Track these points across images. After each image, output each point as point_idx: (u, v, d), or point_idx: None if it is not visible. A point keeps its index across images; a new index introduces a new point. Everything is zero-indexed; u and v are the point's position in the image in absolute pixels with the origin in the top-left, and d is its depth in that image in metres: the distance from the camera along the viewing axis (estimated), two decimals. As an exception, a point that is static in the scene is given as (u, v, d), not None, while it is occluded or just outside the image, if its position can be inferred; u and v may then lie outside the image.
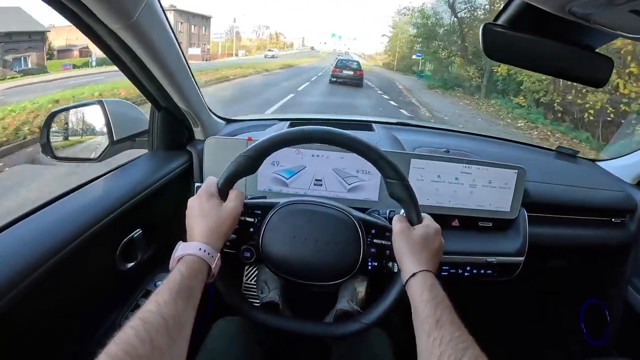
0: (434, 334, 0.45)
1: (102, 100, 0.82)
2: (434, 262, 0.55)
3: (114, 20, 0.56)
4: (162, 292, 0.43)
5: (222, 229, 0.53)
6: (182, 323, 0.42)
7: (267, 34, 54.69)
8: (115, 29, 0.58)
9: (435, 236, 0.57)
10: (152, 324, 0.39)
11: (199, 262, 0.49)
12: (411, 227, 0.57)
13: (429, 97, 11.64)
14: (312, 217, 0.61)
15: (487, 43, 0.59)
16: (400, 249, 0.56)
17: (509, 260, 0.86)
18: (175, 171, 0.81)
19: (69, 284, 0.57)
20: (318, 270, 0.60)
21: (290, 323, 0.61)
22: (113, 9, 0.54)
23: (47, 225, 0.57)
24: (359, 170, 0.81)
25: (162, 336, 0.38)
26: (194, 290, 0.46)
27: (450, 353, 0.42)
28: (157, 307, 0.41)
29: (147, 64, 0.67)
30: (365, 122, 1.13)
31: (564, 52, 0.59)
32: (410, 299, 0.52)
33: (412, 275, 0.52)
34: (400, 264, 0.56)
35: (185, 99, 0.78)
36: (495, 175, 0.86)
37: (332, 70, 13.71)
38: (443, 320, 0.46)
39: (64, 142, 0.85)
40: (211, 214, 0.53)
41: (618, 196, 1.04)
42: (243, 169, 0.56)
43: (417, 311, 0.49)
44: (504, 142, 1.21)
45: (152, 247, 0.79)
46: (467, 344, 0.43)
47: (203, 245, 0.50)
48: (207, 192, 0.55)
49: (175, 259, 0.49)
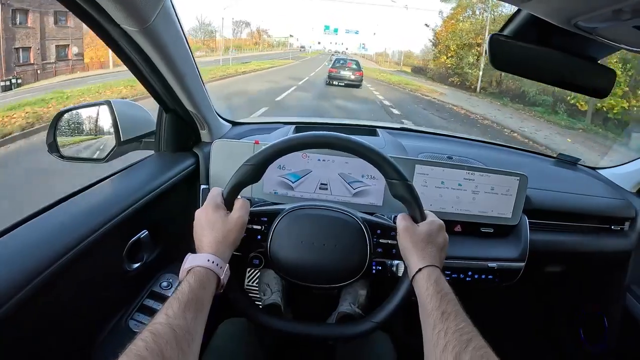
0: (439, 326, 0.46)
1: (110, 100, 0.83)
2: (440, 257, 0.57)
3: (130, 23, 0.56)
4: (171, 304, 0.44)
5: (230, 240, 0.54)
6: (191, 334, 0.42)
7: (248, 32, 43.74)
8: (130, 32, 0.58)
9: (439, 232, 0.58)
10: (161, 335, 0.39)
11: (208, 274, 0.49)
12: (415, 225, 0.58)
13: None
14: (317, 221, 0.62)
15: (494, 53, 0.60)
16: (406, 246, 0.57)
17: (509, 265, 0.87)
18: (181, 173, 0.82)
19: (76, 285, 0.57)
20: (327, 273, 0.61)
21: (299, 326, 0.61)
22: (130, 13, 0.54)
23: (55, 226, 0.57)
24: (364, 175, 0.81)
25: (172, 348, 0.39)
26: (203, 302, 0.47)
27: (455, 344, 0.43)
28: (166, 319, 0.42)
29: (159, 66, 0.68)
30: (369, 127, 1.14)
31: (568, 62, 0.61)
32: (417, 293, 0.53)
33: (418, 270, 0.54)
34: (406, 261, 0.57)
35: (194, 101, 0.79)
36: (497, 182, 0.87)
37: (329, 71, 12.86)
38: (448, 312, 0.47)
39: (71, 141, 0.85)
40: (217, 225, 0.54)
41: (618, 204, 1.05)
42: (247, 178, 0.57)
43: (423, 305, 0.50)
44: (505, 148, 1.22)
45: (158, 248, 0.79)
46: (471, 334, 0.44)
47: (211, 257, 0.51)
48: (212, 203, 0.56)
49: (184, 271, 0.50)
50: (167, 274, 0.80)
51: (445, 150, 1.02)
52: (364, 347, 0.76)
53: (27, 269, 0.48)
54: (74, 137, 0.86)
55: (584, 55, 0.60)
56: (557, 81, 0.66)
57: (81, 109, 0.84)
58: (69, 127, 0.85)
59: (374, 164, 0.58)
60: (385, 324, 0.60)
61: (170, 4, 0.62)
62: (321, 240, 0.61)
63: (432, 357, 0.45)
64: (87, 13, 0.55)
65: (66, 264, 0.53)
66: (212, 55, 24.08)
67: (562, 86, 0.66)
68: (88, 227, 0.59)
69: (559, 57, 0.60)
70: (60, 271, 0.52)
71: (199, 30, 32.35)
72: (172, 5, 0.63)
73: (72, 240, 0.55)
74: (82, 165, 0.83)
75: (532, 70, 0.65)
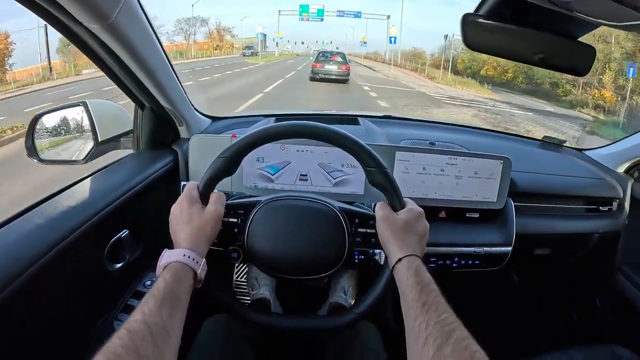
0: (420, 318, 0.45)
1: (86, 101, 0.83)
2: (420, 246, 0.55)
3: (91, 21, 0.55)
4: (147, 301, 0.44)
5: (205, 233, 0.54)
6: (167, 331, 0.42)
7: (205, 32, 29.99)
8: (94, 29, 0.58)
9: (418, 220, 0.57)
10: (137, 333, 0.39)
11: (184, 269, 0.49)
12: (394, 213, 0.57)
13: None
14: (294, 212, 0.62)
15: (468, 34, 0.59)
16: (384, 235, 0.56)
17: (496, 250, 0.87)
18: (160, 170, 0.82)
19: (58, 286, 0.57)
20: (305, 264, 0.61)
21: (282, 320, 0.61)
22: (90, 10, 0.53)
23: (32, 228, 0.57)
24: (344, 164, 0.81)
25: (147, 344, 0.39)
26: (180, 297, 0.47)
27: (437, 336, 0.42)
28: (142, 316, 0.42)
29: (128, 63, 0.67)
30: (351, 116, 1.13)
31: (546, 41, 0.60)
32: (397, 284, 0.52)
33: (398, 260, 0.52)
34: (385, 250, 0.56)
35: (168, 97, 0.78)
36: (480, 166, 0.86)
37: (312, 66, 11.89)
38: (429, 304, 0.46)
39: (49, 144, 0.85)
40: (193, 219, 0.54)
41: (604, 184, 1.05)
42: (222, 171, 0.56)
43: (404, 296, 0.49)
44: (490, 133, 1.22)
45: (140, 247, 0.79)
46: (453, 326, 0.43)
47: (187, 252, 0.50)
48: (188, 197, 0.55)
49: (160, 267, 0.50)
50: (151, 272, 0.79)
51: (428, 137, 1.01)
52: (353, 339, 0.76)
53: (4, 272, 0.48)
54: (52, 140, 0.85)
55: (563, 33, 0.59)
56: (535, 60, 0.64)
57: (58, 112, 0.84)
58: (47, 130, 0.84)
59: (351, 152, 0.57)
60: (368, 314, 0.60)
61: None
62: (298, 231, 0.60)
63: (414, 350, 0.44)
64: (49, 13, 0.55)
65: (45, 266, 0.52)
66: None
67: (541, 65, 0.65)
68: (65, 228, 0.58)
69: (537, 36, 0.59)
70: (40, 273, 0.51)
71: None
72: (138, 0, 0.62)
73: (49, 243, 0.55)
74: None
75: (509, 50, 0.64)
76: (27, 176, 3.02)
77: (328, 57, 12.08)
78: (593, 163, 1.12)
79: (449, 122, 1.25)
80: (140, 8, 0.63)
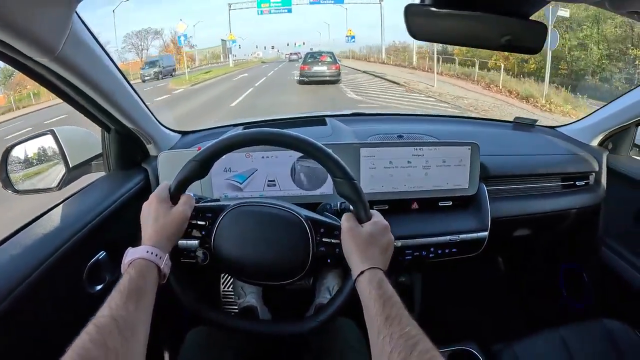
0: (384, 332, 0.45)
1: (54, 129, 0.84)
2: (383, 259, 0.55)
3: (39, 55, 0.56)
4: (113, 296, 0.46)
5: (169, 231, 0.56)
6: (134, 324, 0.44)
7: (159, 44, 26.09)
8: (43, 62, 0.59)
9: (383, 233, 0.57)
10: (104, 327, 0.41)
11: (148, 264, 0.51)
12: (359, 225, 0.57)
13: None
14: (260, 218, 0.62)
15: (412, 24, 0.57)
16: (348, 247, 0.56)
17: (472, 236, 0.87)
18: (132, 190, 0.83)
19: (38, 313, 0.58)
20: (269, 270, 0.62)
21: (245, 324, 0.62)
22: (35, 45, 0.54)
23: (7, 259, 0.58)
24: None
25: (115, 337, 0.41)
26: (145, 291, 0.49)
27: (400, 350, 0.42)
28: (109, 311, 0.44)
29: (85, 90, 0.68)
30: (318, 117, 1.14)
31: (497, 23, 0.59)
32: (360, 296, 0.52)
33: (361, 273, 0.52)
34: (349, 262, 0.56)
35: (131, 118, 0.79)
36: (448, 154, 0.87)
37: (300, 69, 11.36)
38: (392, 317, 0.46)
39: (23, 175, 0.87)
40: (159, 217, 0.56)
41: (578, 159, 1.05)
42: (193, 174, 0.58)
43: (366, 309, 0.49)
44: (461, 120, 1.22)
45: (119, 268, 0.80)
46: (417, 338, 0.43)
47: (150, 248, 0.53)
48: (157, 196, 0.58)
49: (125, 264, 0.52)
50: None
51: (397, 130, 1.02)
52: (335, 337, 0.77)
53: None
54: (26, 171, 0.87)
55: (513, 13, 0.59)
56: (488, 44, 0.63)
57: (27, 142, 0.85)
58: (19, 161, 0.86)
59: (319, 161, 0.58)
60: (331, 320, 0.61)
61: (82, 26, 0.62)
62: (263, 237, 0.61)
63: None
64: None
65: (23, 295, 0.54)
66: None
67: (495, 48, 0.64)
68: (40, 256, 0.59)
69: (487, 19, 0.58)
70: (18, 302, 0.53)
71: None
72: (85, 26, 0.64)
73: (27, 271, 0.56)
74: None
75: (459, 36, 0.63)
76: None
77: (317, 58, 11.55)
78: (566, 139, 1.12)
79: (419, 114, 1.25)
80: (88, 33, 0.64)
